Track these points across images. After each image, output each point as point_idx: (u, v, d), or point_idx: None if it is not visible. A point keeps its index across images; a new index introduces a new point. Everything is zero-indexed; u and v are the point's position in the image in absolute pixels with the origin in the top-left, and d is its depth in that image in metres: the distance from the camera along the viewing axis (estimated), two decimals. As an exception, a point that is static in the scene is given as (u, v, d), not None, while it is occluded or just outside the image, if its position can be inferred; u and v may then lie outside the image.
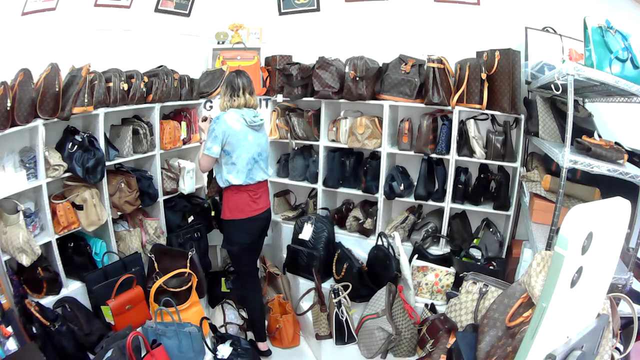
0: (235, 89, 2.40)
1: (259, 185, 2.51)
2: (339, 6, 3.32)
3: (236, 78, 2.42)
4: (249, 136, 2.40)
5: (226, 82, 2.45)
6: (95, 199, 2.43)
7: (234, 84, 2.40)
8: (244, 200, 2.45)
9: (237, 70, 2.49)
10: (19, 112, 2.06)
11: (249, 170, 2.42)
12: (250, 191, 2.47)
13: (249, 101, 2.43)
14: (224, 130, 2.32)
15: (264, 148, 2.51)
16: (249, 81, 2.45)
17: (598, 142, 1.83)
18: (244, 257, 2.60)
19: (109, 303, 2.26)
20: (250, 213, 2.47)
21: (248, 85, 2.43)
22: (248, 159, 2.41)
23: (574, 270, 0.62)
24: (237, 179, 2.40)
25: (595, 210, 0.64)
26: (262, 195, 2.54)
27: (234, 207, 2.46)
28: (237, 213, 2.46)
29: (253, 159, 2.43)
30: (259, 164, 2.47)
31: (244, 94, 2.40)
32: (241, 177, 2.41)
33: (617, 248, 0.79)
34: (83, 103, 2.31)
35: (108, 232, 2.59)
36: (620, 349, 1.32)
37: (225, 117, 2.34)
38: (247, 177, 2.42)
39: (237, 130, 2.35)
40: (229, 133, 2.33)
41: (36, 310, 2.08)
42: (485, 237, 2.85)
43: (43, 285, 2.24)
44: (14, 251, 2.11)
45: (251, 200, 2.47)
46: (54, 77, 2.19)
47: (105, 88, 2.46)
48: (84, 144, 2.34)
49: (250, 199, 2.47)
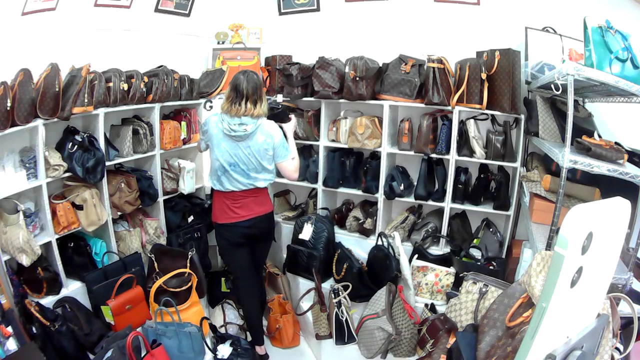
0: (237, 95, 2.23)
1: (237, 195, 2.36)
2: (339, 6, 3.32)
3: (243, 83, 2.24)
4: (222, 143, 2.28)
5: (232, 83, 2.27)
6: (95, 199, 2.43)
7: (239, 89, 2.23)
8: (220, 206, 2.41)
9: (246, 72, 2.30)
10: (19, 112, 2.06)
11: (218, 177, 2.36)
12: (227, 198, 2.38)
13: (249, 111, 2.23)
14: (204, 129, 2.36)
15: (241, 159, 2.29)
16: (256, 87, 2.26)
17: (598, 142, 1.83)
18: (228, 260, 2.66)
19: (109, 303, 2.26)
20: (226, 220, 2.39)
21: (253, 93, 2.24)
22: (218, 165, 2.33)
23: (574, 270, 0.62)
24: (211, 182, 2.42)
25: (595, 210, 0.64)
26: (246, 204, 2.38)
27: (215, 210, 2.45)
28: (217, 216, 2.44)
29: (222, 167, 2.31)
30: (229, 174, 2.31)
31: (246, 102, 2.23)
32: (213, 181, 2.40)
33: (617, 248, 0.79)
34: (83, 103, 2.31)
35: (108, 232, 2.59)
36: (620, 349, 1.32)
37: (211, 117, 2.33)
38: (218, 183, 2.37)
39: (213, 135, 2.29)
40: (209, 134, 2.31)
41: (36, 310, 2.08)
42: (485, 237, 2.85)
43: (43, 285, 2.24)
44: (14, 251, 2.11)
45: (228, 207, 2.39)
46: (54, 77, 2.19)
47: (105, 88, 2.46)
48: (84, 144, 2.34)
49: (227, 205, 2.39)
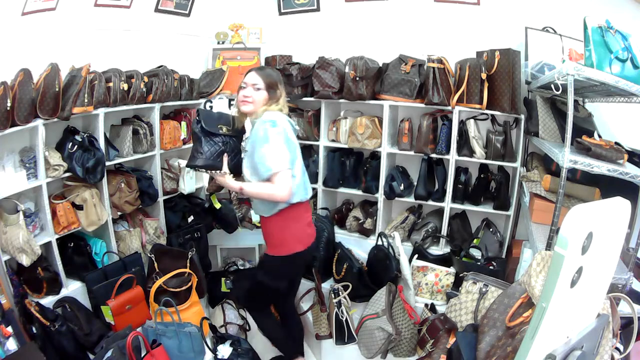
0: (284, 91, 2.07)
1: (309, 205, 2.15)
2: (339, 6, 3.32)
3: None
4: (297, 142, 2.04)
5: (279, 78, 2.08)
6: (95, 199, 2.43)
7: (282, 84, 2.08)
8: (299, 226, 2.03)
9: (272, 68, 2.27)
10: (19, 112, 2.06)
11: (304, 182, 2.05)
12: (307, 210, 2.10)
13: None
14: (286, 137, 1.93)
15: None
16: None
17: (598, 142, 1.83)
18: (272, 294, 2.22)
19: (109, 303, 2.26)
20: (305, 244, 2.06)
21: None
22: (302, 168, 2.06)
23: (574, 270, 0.62)
24: (299, 194, 1.99)
25: (595, 210, 0.64)
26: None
27: (293, 237, 2.01)
28: (293, 243, 2.01)
29: (303, 170, 2.08)
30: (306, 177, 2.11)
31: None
32: (301, 191, 2.01)
33: (617, 248, 0.79)
34: (83, 103, 2.31)
35: (108, 232, 2.59)
36: (620, 349, 1.32)
37: (278, 120, 1.93)
38: (304, 191, 2.04)
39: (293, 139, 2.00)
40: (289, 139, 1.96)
41: (36, 310, 2.08)
42: (485, 237, 2.85)
43: (43, 285, 2.24)
44: (14, 251, 2.11)
45: (307, 224, 2.09)
46: (54, 77, 2.19)
47: (105, 88, 2.46)
48: (84, 144, 2.34)
49: (306, 222, 2.09)
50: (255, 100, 1.98)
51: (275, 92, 2.00)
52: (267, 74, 2.01)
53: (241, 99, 2.00)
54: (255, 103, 1.98)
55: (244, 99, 1.99)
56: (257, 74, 2.00)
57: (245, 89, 2.00)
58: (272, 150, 1.85)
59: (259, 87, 1.98)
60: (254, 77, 2.00)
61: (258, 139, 1.89)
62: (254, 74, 2.01)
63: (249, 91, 1.99)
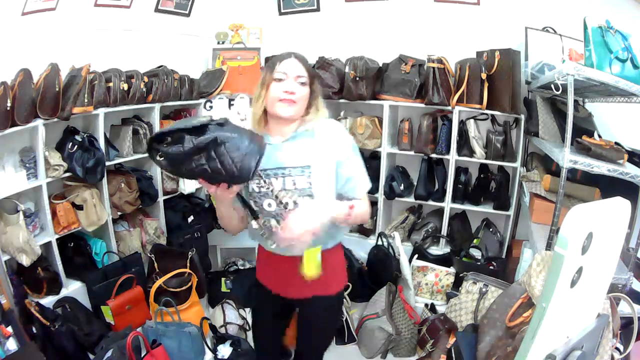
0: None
1: None
2: (339, 6, 3.31)
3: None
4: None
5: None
6: (95, 199, 2.43)
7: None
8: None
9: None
10: (19, 112, 2.06)
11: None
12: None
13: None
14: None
15: None
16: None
17: (598, 142, 1.83)
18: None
19: (109, 303, 2.26)
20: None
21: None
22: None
23: (574, 270, 0.62)
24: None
25: (595, 210, 0.64)
26: None
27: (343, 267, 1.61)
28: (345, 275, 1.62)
29: None
30: None
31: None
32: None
33: (617, 248, 0.79)
34: (83, 103, 2.31)
35: (108, 232, 2.59)
36: (620, 349, 1.32)
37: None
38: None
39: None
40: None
41: (36, 310, 2.08)
42: (485, 237, 2.84)
43: (43, 285, 2.24)
44: (14, 251, 2.11)
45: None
46: (54, 77, 2.19)
47: (105, 88, 2.46)
48: (84, 144, 2.34)
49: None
50: (300, 99, 1.36)
51: (316, 90, 1.42)
52: (309, 62, 1.43)
53: (281, 97, 1.34)
54: (299, 104, 1.37)
55: (287, 96, 1.33)
56: (300, 61, 1.38)
57: (284, 82, 1.35)
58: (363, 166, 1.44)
59: (304, 80, 1.37)
60: (296, 66, 1.37)
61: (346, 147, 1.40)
62: (296, 61, 1.38)
63: (292, 85, 1.34)
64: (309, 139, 1.38)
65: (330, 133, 1.39)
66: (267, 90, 1.35)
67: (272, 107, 1.35)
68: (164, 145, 1.13)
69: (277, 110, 1.34)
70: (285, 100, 1.33)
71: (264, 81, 1.36)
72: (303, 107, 1.37)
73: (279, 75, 1.34)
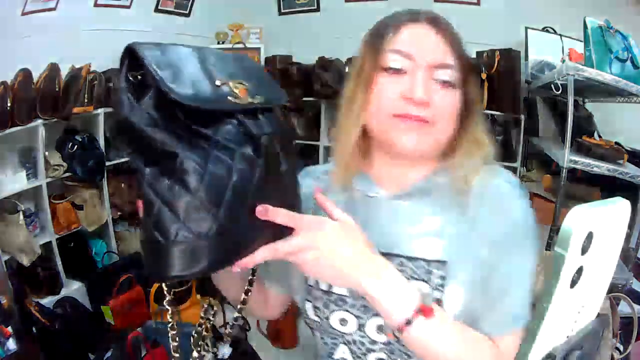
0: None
1: None
2: (339, 6, 3.31)
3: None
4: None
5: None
6: (95, 199, 2.43)
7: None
8: None
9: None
10: (19, 112, 2.06)
11: None
12: None
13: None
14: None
15: None
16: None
17: (598, 142, 1.83)
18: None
19: (109, 303, 2.26)
20: None
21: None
22: None
23: (574, 270, 0.61)
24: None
25: (595, 210, 0.64)
26: None
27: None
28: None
29: None
30: None
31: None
32: None
33: (617, 248, 0.79)
34: (83, 103, 2.31)
35: (108, 232, 2.59)
36: (620, 349, 1.32)
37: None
38: None
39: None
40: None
41: (36, 310, 2.08)
42: (485, 237, 2.84)
43: (43, 285, 2.24)
44: (14, 251, 2.11)
45: None
46: (54, 77, 2.19)
47: (105, 88, 2.46)
48: (84, 144, 2.35)
49: None
50: (441, 118, 0.64)
51: (474, 95, 0.68)
52: (457, 33, 0.72)
53: (398, 110, 0.62)
54: (440, 126, 0.64)
55: (411, 109, 0.62)
56: (441, 32, 0.69)
57: (404, 77, 0.63)
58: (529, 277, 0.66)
59: (449, 75, 0.64)
60: (432, 41, 0.66)
61: (510, 232, 0.64)
62: (431, 32, 0.68)
63: (422, 84, 0.62)
64: (452, 202, 0.65)
65: (493, 199, 0.65)
66: (368, 91, 0.65)
67: (380, 128, 0.65)
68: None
69: (391, 138, 0.63)
70: (407, 119, 0.62)
71: (360, 71, 0.68)
72: (446, 132, 0.65)
73: (393, 61, 0.64)
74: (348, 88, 0.69)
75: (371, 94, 0.64)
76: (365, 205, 0.68)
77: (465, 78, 0.65)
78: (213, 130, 0.49)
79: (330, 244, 0.55)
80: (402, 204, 0.68)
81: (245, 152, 0.49)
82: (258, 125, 0.52)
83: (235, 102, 0.51)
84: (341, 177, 0.69)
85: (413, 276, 0.63)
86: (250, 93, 0.53)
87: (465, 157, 0.66)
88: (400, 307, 0.55)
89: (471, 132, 0.68)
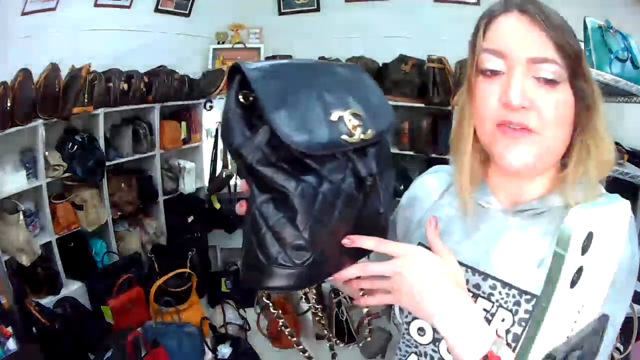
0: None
1: None
2: (339, 6, 3.31)
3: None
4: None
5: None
6: (95, 199, 2.43)
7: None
8: None
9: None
10: (19, 112, 2.06)
11: None
12: None
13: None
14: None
15: None
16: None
17: (598, 142, 1.83)
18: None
19: (109, 303, 2.26)
20: None
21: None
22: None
23: (574, 270, 0.61)
24: None
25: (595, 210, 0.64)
26: None
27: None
28: None
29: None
30: None
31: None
32: None
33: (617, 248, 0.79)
34: (83, 103, 2.31)
35: (108, 232, 2.59)
36: (620, 349, 1.32)
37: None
38: None
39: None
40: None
41: (36, 310, 2.08)
42: (485, 237, 2.85)
43: (43, 285, 2.24)
44: (14, 251, 2.11)
45: None
46: (54, 77, 2.19)
47: (105, 88, 2.46)
48: (84, 144, 2.35)
49: None
50: (546, 125, 0.55)
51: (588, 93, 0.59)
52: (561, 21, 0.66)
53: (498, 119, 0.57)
54: (545, 136, 0.56)
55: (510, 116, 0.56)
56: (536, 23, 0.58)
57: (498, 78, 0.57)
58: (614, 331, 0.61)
59: (552, 72, 0.55)
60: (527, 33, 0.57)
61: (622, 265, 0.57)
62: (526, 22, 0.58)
63: (520, 86, 0.54)
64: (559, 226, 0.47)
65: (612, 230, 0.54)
66: (472, 98, 0.61)
67: (485, 140, 0.61)
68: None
69: (496, 153, 0.59)
70: (506, 130, 0.56)
71: (468, 75, 0.62)
72: (558, 139, 0.58)
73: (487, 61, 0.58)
74: (459, 94, 0.66)
75: (475, 102, 0.59)
76: (476, 213, 0.65)
77: (574, 71, 0.56)
78: (320, 163, 0.49)
79: (416, 274, 0.54)
80: (511, 220, 0.62)
81: (349, 189, 0.51)
82: (366, 165, 0.53)
83: (348, 141, 0.50)
84: (459, 186, 0.65)
85: (502, 304, 0.60)
86: (363, 126, 0.52)
87: (579, 170, 0.57)
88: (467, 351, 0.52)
89: (590, 133, 0.58)
